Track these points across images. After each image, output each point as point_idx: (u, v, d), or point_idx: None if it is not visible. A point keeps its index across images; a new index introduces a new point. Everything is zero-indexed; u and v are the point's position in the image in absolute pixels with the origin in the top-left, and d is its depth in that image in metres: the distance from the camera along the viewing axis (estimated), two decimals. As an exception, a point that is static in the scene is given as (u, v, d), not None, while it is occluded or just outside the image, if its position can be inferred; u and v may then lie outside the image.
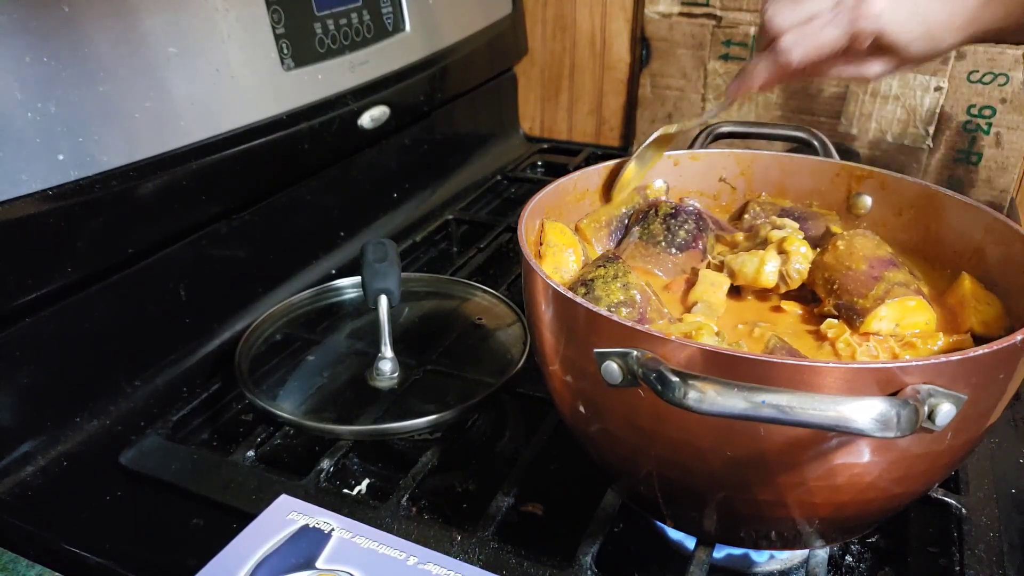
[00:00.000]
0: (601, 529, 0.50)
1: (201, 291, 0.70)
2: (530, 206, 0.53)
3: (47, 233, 0.55)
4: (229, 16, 0.67)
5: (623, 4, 1.16)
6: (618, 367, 0.39)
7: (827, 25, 0.52)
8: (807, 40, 0.53)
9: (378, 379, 0.64)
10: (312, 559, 0.44)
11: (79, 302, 0.59)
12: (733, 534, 0.47)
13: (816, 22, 0.53)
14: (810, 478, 0.39)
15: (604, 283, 0.49)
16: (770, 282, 0.52)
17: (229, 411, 0.66)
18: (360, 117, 0.82)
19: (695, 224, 0.58)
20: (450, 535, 0.50)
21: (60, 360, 0.59)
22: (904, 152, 1.05)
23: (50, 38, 0.54)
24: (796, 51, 0.53)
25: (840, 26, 0.52)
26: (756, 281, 0.52)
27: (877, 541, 0.53)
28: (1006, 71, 0.96)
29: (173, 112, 0.63)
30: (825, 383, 0.35)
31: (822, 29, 0.52)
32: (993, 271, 0.51)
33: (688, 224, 0.58)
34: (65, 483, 0.56)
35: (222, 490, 0.54)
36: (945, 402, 0.36)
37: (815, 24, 0.53)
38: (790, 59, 0.53)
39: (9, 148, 0.52)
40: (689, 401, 0.34)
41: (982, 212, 0.52)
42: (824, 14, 0.52)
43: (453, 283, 0.78)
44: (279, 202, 0.78)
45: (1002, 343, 0.37)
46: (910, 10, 0.52)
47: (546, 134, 1.30)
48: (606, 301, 0.47)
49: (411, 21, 0.89)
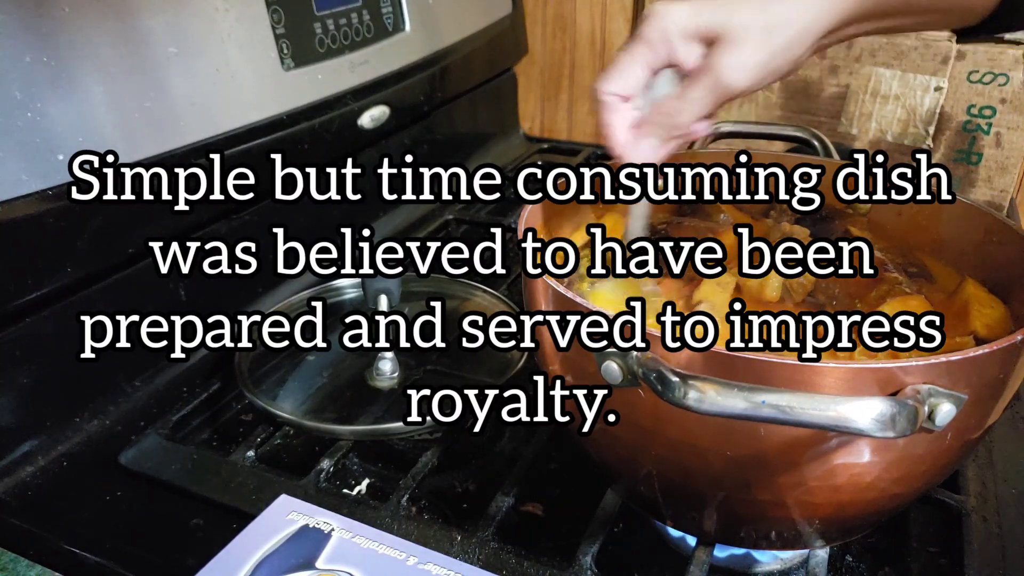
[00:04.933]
0: (601, 529, 0.50)
1: (201, 291, 0.70)
2: (530, 206, 0.53)
3: (47, 233, 0.55)
4: (229, 16, 0.67)
5: (623, 4, 1.16)
6: (618, 367, 0.39)
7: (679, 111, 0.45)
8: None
9: (378, 379, 0.64)
10: (312, 559, 0.44)
11: (79, 302, 0.59)
12: (733, 534, 0.47)
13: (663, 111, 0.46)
14: (810, 478, 0.39)
15: (586, 258, 0.51)
16: (774, 297, 0.52)
17: (229, 411, 0.66)
18: (360, 117, 0.82)
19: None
20: (450, 535, 0.50)
21: (60, 360, 0.59)
22: (904, 152, 1.05)
23: (50, 38, 0.54)
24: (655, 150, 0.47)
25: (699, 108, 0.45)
26: (761, 295, 0.52)
27: (877, 541, 0.53)
28: (1006, 71, 0.96)
29: (173, 112, 0.63)
30: (825, 383, 0.35)
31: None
32: (993, 271, 0.51)
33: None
34: (65, 483, 0.56)
35: (222, 490, 0.54)
36: (945, 402, 0.36)
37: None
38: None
39: (9, 148, 0.52)
40: (689, 401, 0.34)
41: (982, 212, 0.52)
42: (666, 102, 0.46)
43: (453, 283, 0.78)
44: (279, 202, 0.78)
45: (1002, 343, 0.37)
46: (764, 65, 0.44)
47: (546, 134, 1.30)
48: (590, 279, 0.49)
49: (411, 21, 0.89)
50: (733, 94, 0.44)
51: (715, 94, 0.44)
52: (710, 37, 0.43)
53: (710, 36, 0.43)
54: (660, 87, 0.46)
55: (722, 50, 0.43)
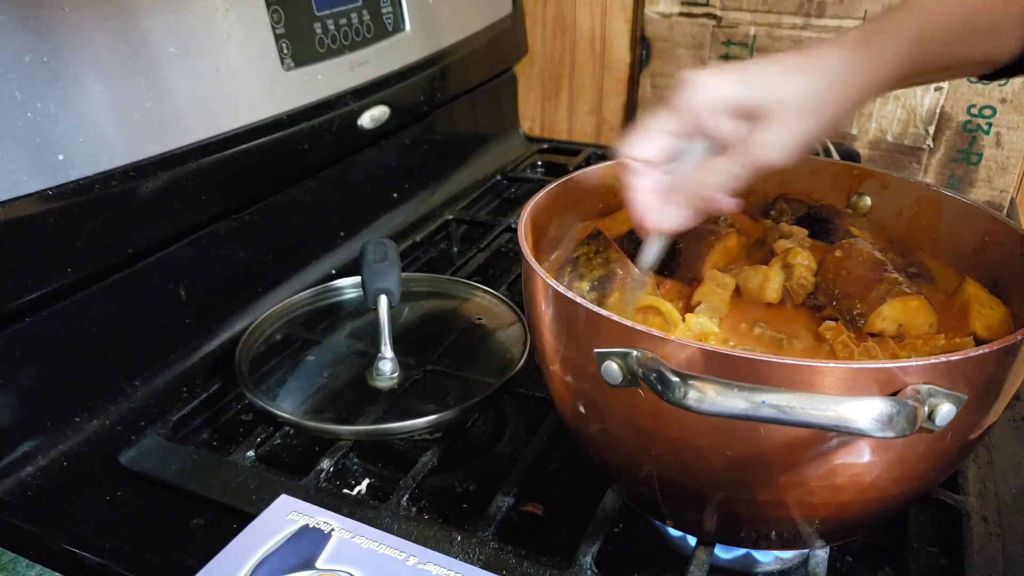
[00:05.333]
0: (601, 529, 0.50)
1: (201, 291, 0.70)
2: (530, 206, 0.53)
3: (47, 233, 0.55)
4: (229, 16, 0.67)
5: (623, 4, 1.16)
6: (618, 367, 0.39)
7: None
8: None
9: (378, 379, 0.64)
10: (312, 559, 0.44)
11: (79, 302, 0.59)
12: (733, 534, 0.47)
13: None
14: (810, 478, 0.39)
15: (587, 260, 0.50)
16: (774, 298, 0.52)
17: (229, 411, 0.66)
18: (360, 117, 0.82)
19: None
20: (450, 535, 0.50)
21: (60, 360, 0.59)
22: (904, 152, 1.05)
23: (50, 38, 0.54)
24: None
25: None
26: (761, 296, 0.52)
27: (877, 541, 0.53)
28: (1006, 71, 0.96)
29: (173, 112, 0.63)
30: (825, 383, 0.35)
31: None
32: (993, 271, 0.51)
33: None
34: (65, 483, 0.56)
35: (222, 490, 0.54)
36: (945, 402, 0.36)
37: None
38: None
39: (9, 148, 0.52)
40: (689, 401, 0.34)
41: (982, 212, 0.52)
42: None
43: (453, 283, 0.78)
44: (279, 202, 0.78)
45: (1002, 343, 0.37)
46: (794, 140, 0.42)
47: (546, 134, 1.30)
48: (589, 277, 0.48)
49: (411, 21, 0.89)
50: (765, 169, 0.42)
51: (747, 169, 0.43)
52: (748, 113, 0.42)
53: (748, 112, 0.42)
54: (690, 155, 0.45)
55: (760, 127, 0.42)
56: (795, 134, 0.42)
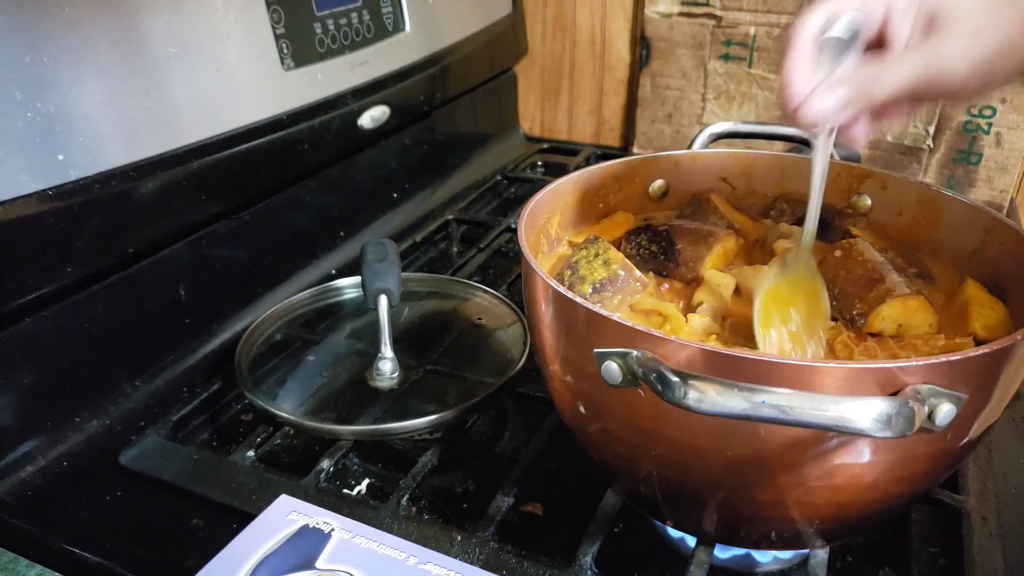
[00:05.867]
0: (601, 529, 0.50)
1: (201, 291, 0.70)
2: (530, 206, 0.53)
3: (47, 233, 0.55)
4: (229, 16, 0.67)
5: (623, 4, 1.16)
6: (618, 367, 0.39)
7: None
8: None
9: (378, 379, 0.64)
10: (312, 559, 0.44)
11: (79, 302, 0.59)
12: (733, 534, 0.47)
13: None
14: (810, 478, 0.39)
15: (587, 263, 0.50)
16: None
17: (229, 411, 0.66)
18: (360, 117, 0.82)
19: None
20: (450, 535, 0.50)
21: (60, 360, 0.59)
22: (904, 152, 1.05)
23: (50, 38, 0.54)
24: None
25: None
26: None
27: (877, 541, 0.53)
28: (1006, 71, 0.96)
29: (173, 112, 0.63)
30: (825, 383, 0.35)
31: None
32: (993, 271, 0.51)
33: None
34: (65, 483, 0.56)
35: (222, 490, 0.54)
36: (945, 402, 0.36)
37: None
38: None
39: (9, 148, 0.52)
40: (689, 401, 0.34)
41: (982, 212, 0.52)
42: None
43: (453, 283, 0.78)
44: (279, 202, 0.78)
45: (1002, 343, 0.37)
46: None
47: (546, 134, 1.30)
48: (590, 280, 0.48)
49: (411, 21, 0.89)
50: (944, 84, 0.40)
51: (926, 75, 0.40)
52: (932, 18, 0.40)
53: (932, 17, 0.40)
54: (848, 61, 0.42)
55: (945, 34, 0.40)
56: (980, 50, 0.40)
